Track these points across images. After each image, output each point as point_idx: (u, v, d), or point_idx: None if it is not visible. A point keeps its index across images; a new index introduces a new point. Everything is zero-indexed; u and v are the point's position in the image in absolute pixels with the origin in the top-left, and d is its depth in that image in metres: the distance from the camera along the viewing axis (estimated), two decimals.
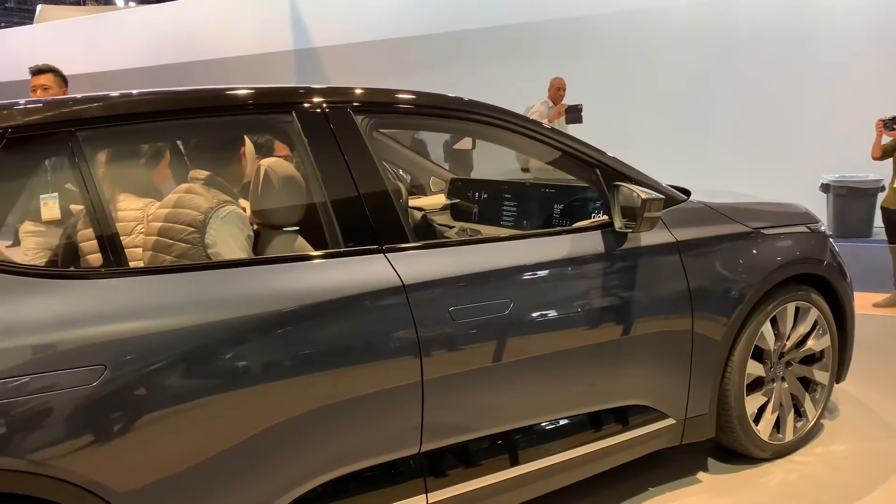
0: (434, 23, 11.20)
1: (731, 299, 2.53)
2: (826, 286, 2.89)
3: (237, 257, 1.98)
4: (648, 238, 2.39)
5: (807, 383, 2.95)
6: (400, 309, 1.87)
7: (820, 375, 2.95)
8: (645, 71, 9.28)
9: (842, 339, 2.99)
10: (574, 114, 7.07)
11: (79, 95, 1.77)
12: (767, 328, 2.70)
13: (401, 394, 1.90)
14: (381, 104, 2.12)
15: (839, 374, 3.07)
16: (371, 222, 1.92)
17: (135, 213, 2.21)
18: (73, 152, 1.65)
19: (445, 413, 1.99)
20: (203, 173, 2.13)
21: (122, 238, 2.15)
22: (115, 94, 1.77)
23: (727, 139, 8.85)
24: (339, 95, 2.01)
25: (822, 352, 2.95)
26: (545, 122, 6.53)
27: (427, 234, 3.10)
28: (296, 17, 12.18)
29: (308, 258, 1.88)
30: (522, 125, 2.29)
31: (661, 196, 2.23)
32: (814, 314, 2.85)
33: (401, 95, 2.16)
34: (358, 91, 2.06)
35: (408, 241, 1.97)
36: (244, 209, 2.11)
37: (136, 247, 2.14)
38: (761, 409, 2.78)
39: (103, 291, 1.58)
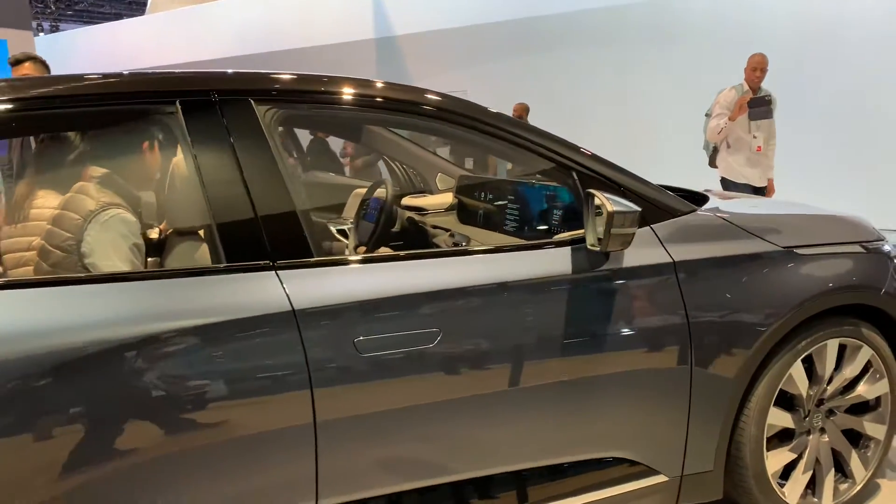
0: (516, 8, 10.75)
1: (745, 335, 2.05)
2: (886, 320, 2.35)
3: (116, 269, 1.73)
4: (635, 257, 1.96)
5: (857, 437, 2.42)
6: (287, 338, 1.56)
7: (873, 428, 2.40)
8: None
9: None
10: (760, 107, 5.35)
11: None
12: (798, 370, 2.19)
13: (288, 440, 1.59)
14: (295, 93, 1.80)
15: None
16: (263, 233, 1.62)
17: (48, 213, 2.01)
18: None
19: (346, 464, 1.66)
20: (99, 171, 1.90)
21: (30, 239, 1.97)
22: None
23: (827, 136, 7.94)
24: (237, 83, 1.72)
25: (877, 399, 2.41)
26: (725, 119, 5.38)
27: (411, 240, 2.78)
28: (377, 5, 12.06)
29: (179, 274, 1.61)
30: (474, 118, 1.91)
31: (635, 209, 1.80)
32: (865, 354, 2.31)
33: (326, 83, 1.83)
34: (265, 77, 1.76)
35: (310, 257, 1.66)
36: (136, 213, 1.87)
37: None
38: (791, 467, 2.29)
39: None
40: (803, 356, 2.19)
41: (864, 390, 2.35)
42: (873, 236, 2.42)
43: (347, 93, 1.83)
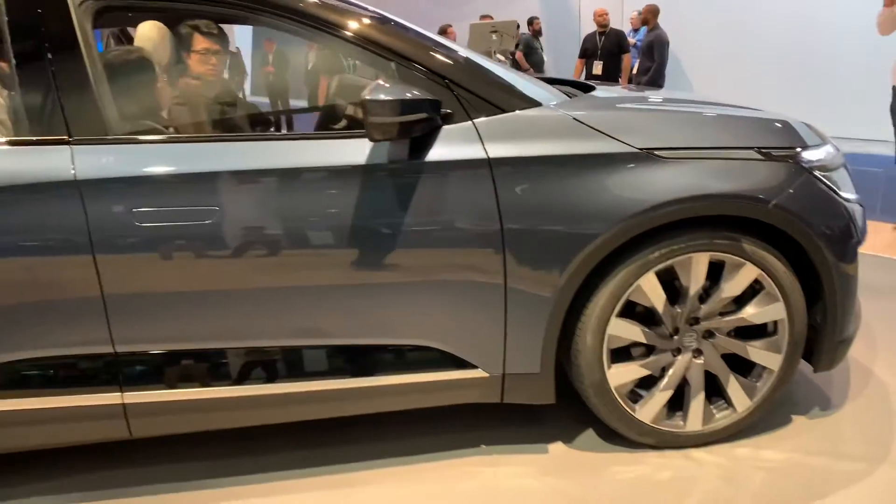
0: None
1: (571, 240, 1.95)
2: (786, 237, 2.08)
3: None
4: (444, 152, 1.92)
5: (751, 365, 2.21)
6: (72, 205, 1.81)
7: (764, 356, 2.18)
8: None
9: (829, 312, 2.14)
10: None
11: None
12: (650, 282, 2.04)
13: (79, 295, 1.86)
14: None
15: (816, 360, 2.24)
16: (63, 112, 1.86)
17: None
18: None
19: (136, 320, 1.90)
20: None
21: None
22: None
23: None
24: None
25: (774, 325, 2.17)
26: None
27: None
28: None
29: None
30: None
31: (394, 98, 1.77)
32: (749, 273, 2.08)
33: None
34: None
35: (105, 135, 1.87)
36: None
37: None
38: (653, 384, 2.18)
39: None
40: (658, 268, 2.03)
41: (750, 313, 2.13)
42: (785, 143, 2.11)
43: None
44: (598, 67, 8.32)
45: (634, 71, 8.34)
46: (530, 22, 10.31)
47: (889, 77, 5.14)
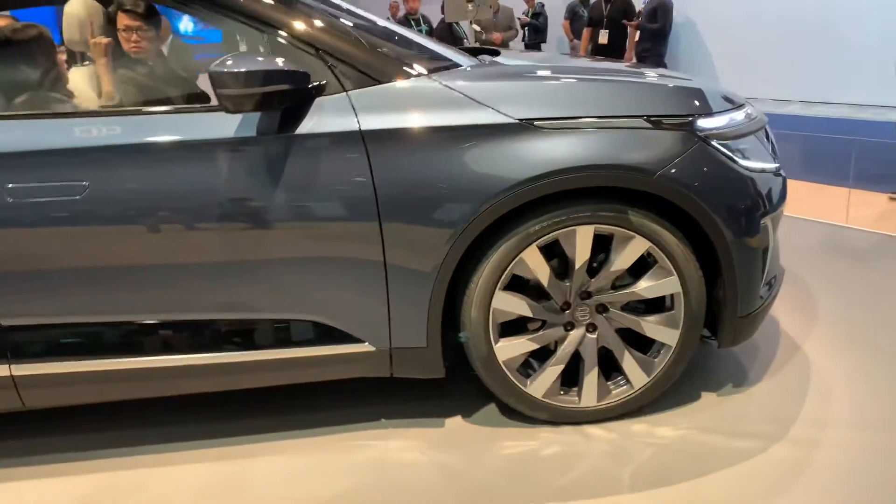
0: None
1: (449, 214, 1.92)
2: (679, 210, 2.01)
3: None
4: (314, 124, 1.90)
5: (650, 341, 2.16)
6: None
7: (660, 332, 2.12)
8: None
9: (728, 287, 2.08)
10: None
11: None
12: (533, 255, 2.00)
13: None
14: None
15: (719, 336, 2.17)
16: None
17: None
18: None
19: (18, 294, 1.95)
20: None
21: None
22: None
23: None
24: None
25: (671, 300, 2.11)
26: None
27: None
28: None
29: None
30: None
31: (241, 70, 1.74)
32: (638, 246, 2.02)
33: None
34: None
35: None
36: None
37: None
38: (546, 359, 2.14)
39: None
40: (541, 242, 1.99)
41: (643, 287, 2.08)
42: (679, 111, 2.02)
43: None
44: (603, 36, 8.10)
45: (636, 39, 8.10)
46: None
47: None
